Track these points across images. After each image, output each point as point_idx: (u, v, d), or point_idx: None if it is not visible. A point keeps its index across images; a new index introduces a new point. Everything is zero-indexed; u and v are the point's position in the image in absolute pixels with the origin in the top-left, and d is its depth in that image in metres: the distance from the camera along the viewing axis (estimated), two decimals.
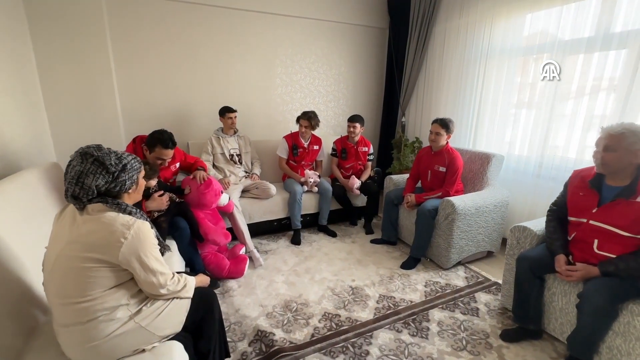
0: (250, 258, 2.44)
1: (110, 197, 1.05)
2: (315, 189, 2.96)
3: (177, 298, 1.19)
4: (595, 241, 1.44)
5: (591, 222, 1.45)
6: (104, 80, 2.72)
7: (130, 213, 1.06)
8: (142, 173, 1.17)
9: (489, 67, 2.78)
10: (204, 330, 1.29)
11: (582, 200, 1.51)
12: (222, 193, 2.30)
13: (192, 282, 1.26)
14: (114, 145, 2.64)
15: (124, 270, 1.02)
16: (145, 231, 1.04)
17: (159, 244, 1.46)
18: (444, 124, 2.42)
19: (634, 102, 1.93)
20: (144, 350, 1.08)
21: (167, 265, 1.15)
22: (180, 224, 1.96)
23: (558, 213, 1.66)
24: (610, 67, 2.05)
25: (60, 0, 2.44)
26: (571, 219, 1.57)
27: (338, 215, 3.25)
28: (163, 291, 1.11)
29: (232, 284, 2.17)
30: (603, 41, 2.04)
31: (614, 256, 1.39)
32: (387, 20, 3.81)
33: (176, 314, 1.18)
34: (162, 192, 1.98)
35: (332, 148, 3.22)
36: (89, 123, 2.72)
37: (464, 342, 1.68)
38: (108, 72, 2.71)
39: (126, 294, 1.05)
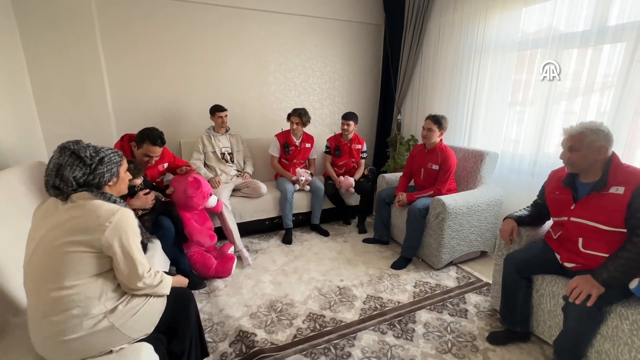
0: (239, 257, 2.43)
1: (92, 187, 1.08)
2: (307, 187, 2.93)
3: (152, 296, 1.18)
4: (580, 240, 1.40)
5: (572, 219, 1.43)
6: (95, 78, 2.71)
7: (114, 202, 1.09)
8: (124, 166, 1.19)
9: (483, 63, 2.72)
10: (178, 330, 1.28)
11: (559, 199, 1.50)
12: (210, 195, 2.27)
13: (168, 280, 1.26)
14: (106, 143, 2.66)
15: (106, 257, 1.04)
16: (129, 218, 1.07)
17: (142, 235, 1.46)
18: (436, 120, 2.38)
19: (629, 96, 1.86)
20: (111, 352, 1.07)
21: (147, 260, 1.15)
22: (164, 222, 1.94)
23: (537, 204, 1.72)
24: (605, 62, 1.98)
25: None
26: (554, 219, 1.55)
27: (332, 214, 3.22)
28: (140, 284, 1.11)
29: (218, 283, 2.15)
30: (598, 34, 1.97)
31: (599, 254, 1.35)
32: (382, 17, 3.75)
33: (150, 315, 1.17)
34: (147, 190, 1.97)
35: (326, 146, 3.18)
36: (80, 121, 2.72)
37: (449, 345, 1.64)
38: (98, 69, 2.71)
39: (104, 286, 1.06)
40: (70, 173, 1.02)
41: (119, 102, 2.87)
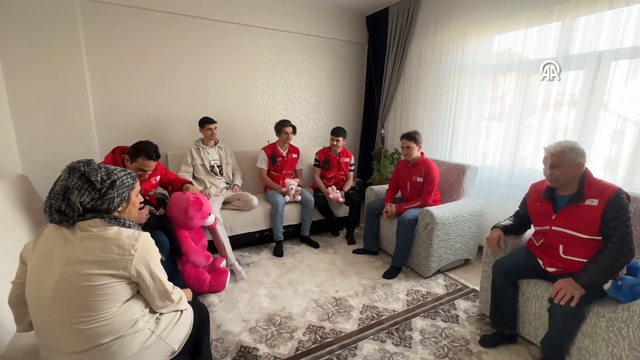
0: (232, 271, 2.39)
1: (101, 213, 1.01)
2: (299, 197, 2.96)
3: (175, 311, 1.17)
4: (561, 246, 1.55)
5: (553, 228, 1.57)
6: (78, 90, 2.62)
7: (129, 227, 1.04)
8: (137, 189, 1.13)
9: (462, 83, 2.93)
10: (201, 346, 1.28)
11: (541, 210, 1.65)
12: (209, 215, 2.24)
13: (184, 295, 1.25)
14: (87, 155, 2.56)
15: (134, 282, 1.01)
16: (151, 242, 1.05)
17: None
18: (411, 137, 2.52)
19: (592, 116, 2.11)
20: None
21: None
22: (160, 238, 1.89)
23: (519, 214, 1.85)
24: (571, 85, 2.23)
25: (31, 10, 2.35)
26: (537, 228, 1.70)
27: (320, 226, 3.26)
28: (168, 302, 1.11)
29: (213, 298, 2.11)
30: (564, 62, 2.22)
31: (578, 259, 1.49)
32: (366, 36, 3.94)
33: (186, 324, 1.18)
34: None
35: (315, 159, 3.25)
36: (60, 133, 2.60)
37: (446, 350, 1.72)
38: (82, 81, 2.62)
39: (141, 304, 1.05)
40: (78, 198, 0.94)
41: (103, 114, 2.78)
